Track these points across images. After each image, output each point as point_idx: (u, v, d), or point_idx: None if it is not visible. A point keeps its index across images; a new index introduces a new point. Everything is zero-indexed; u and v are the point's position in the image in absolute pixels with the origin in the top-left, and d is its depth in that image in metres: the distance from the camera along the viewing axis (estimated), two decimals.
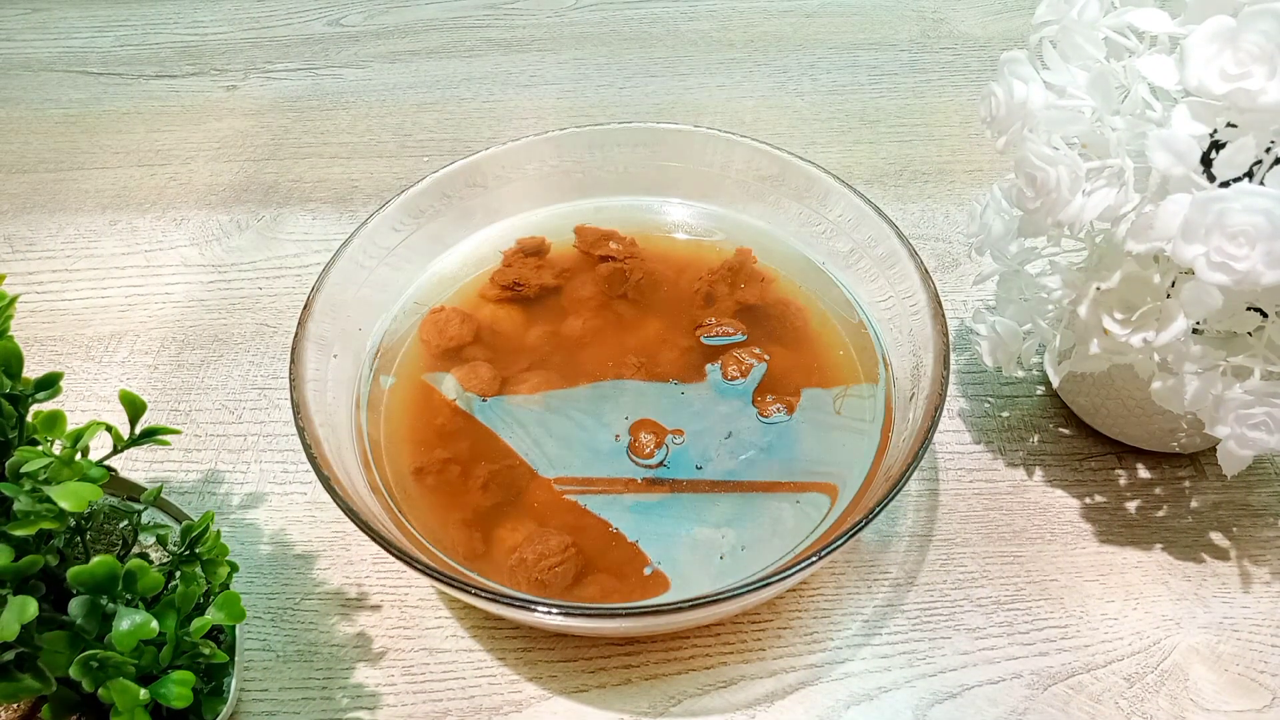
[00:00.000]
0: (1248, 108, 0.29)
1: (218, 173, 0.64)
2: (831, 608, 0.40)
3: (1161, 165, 0.30)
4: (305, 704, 0.38)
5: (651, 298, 0.47)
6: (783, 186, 0.48)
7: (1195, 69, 0.30)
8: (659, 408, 0.42)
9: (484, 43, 0.76)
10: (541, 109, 0.69)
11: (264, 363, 0.52)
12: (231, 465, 0.47)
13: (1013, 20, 0.76)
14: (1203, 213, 0.30)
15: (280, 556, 0.43)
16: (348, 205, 0.61)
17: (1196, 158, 0.30)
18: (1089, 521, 0.43)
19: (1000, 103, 0.36)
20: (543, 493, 0.40)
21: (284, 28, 0.79)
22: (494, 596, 0.32)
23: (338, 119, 0.69)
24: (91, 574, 0.27)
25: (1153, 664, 0.38)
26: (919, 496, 0.44)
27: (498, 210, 0.50)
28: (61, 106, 0.71)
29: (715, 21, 0.77)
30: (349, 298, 0.43)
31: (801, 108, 0.68)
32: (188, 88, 0.73)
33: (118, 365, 0.52)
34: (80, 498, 0.26)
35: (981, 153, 0.63)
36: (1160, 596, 0.40)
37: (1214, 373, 0.35)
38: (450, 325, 0.45)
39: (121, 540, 0.36)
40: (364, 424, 0.42)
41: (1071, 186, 0.33)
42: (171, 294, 0.56)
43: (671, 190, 0.51)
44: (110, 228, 0.60)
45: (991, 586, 0.41)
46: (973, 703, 0.37)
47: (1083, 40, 0.34)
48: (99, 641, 0.28)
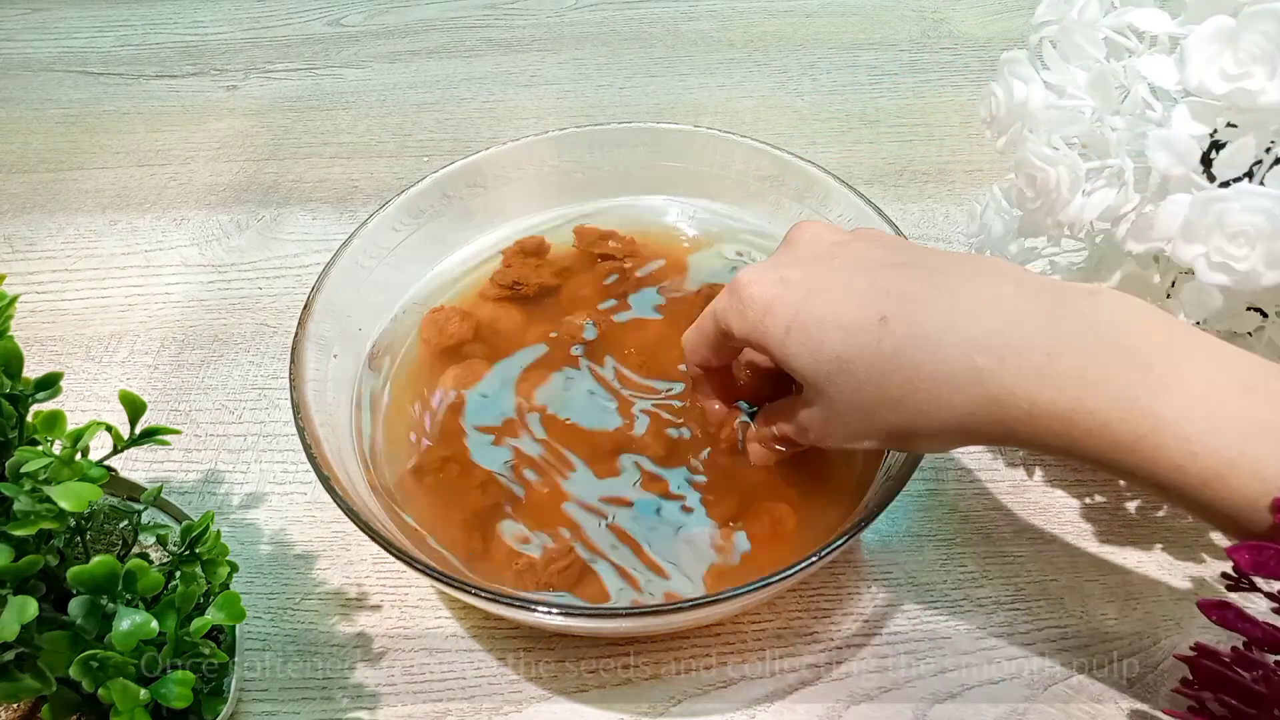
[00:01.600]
0: (1248, 108, 0.29)
1: (218, 173, 0.64)
2: (831, 608, 0.40)
3: (1161, 165, 0.30)
4: (305, 704, 0.38)
5: (650, 298, 0.47)
6: (783, 186, 0.48)
7: (1195, 69, 0.30)
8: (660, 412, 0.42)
9: (484, 43, 0.76)
10: (541, 109, 0.69)
11: (264, 363, 0.52)
12: (231, 465, 0.47)
13: (1012, 20, 0.76)
14: (1203, 213, 0.30)
15: (280, 556, 0.43)
16: (348, 205, 0.61)
17: (1196, 158, 0.30)
18: (1089, 521, 0.43)
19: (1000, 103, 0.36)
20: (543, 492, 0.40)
21: (284, 28, 0.79)
22: (494, 596, 0.32)
23: (338, 119, 0.69)
24: (91, 574, 0.27)
25: (1152, 664, 0.38)
26: (919, 496, 0.44)
27: (498, 210, 0.50)
28: (61, 106, 0.71)
29: (715, 21, 0.77)
30: (349, 298, 0.43)
31: (801, 108, 0.68)
32: (188, 88, 0.73)
33: (118, 365, 0.52)
34: (80, 498, 0.26)
35: (981, 153, 0.63)
36: (1160, 596, 0.40)
37: None
38: (450, 323, 0.45)
39: (121, 540, 0.36)
40: (364, 424, 0.42)
41: (1072, 186, 0.33)
42: (171, 294, 0.56)
43: (671, 190, 0.51)
44: (110, 228, 0.60)
45: (991, 586, 0.41)
46: (973, 703, 0.37)
47: (1083, 40, 0.34)
48: (99, 641, 0.28)
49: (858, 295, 0.31)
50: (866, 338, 0.30)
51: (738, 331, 0.34)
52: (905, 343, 0.29)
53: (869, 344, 0.30)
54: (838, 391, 0.31)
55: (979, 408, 0.28)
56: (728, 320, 0.34)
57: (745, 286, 0.33)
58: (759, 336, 0.33)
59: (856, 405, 0.31)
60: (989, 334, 0.28)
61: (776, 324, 0.32)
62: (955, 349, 0.28)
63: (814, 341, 0.31)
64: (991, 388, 0.27)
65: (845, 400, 0.31)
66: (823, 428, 0.33)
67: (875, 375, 0.30)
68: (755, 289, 0.33)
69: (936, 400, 0.29)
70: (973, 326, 0.28)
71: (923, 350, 0.29)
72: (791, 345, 0.31)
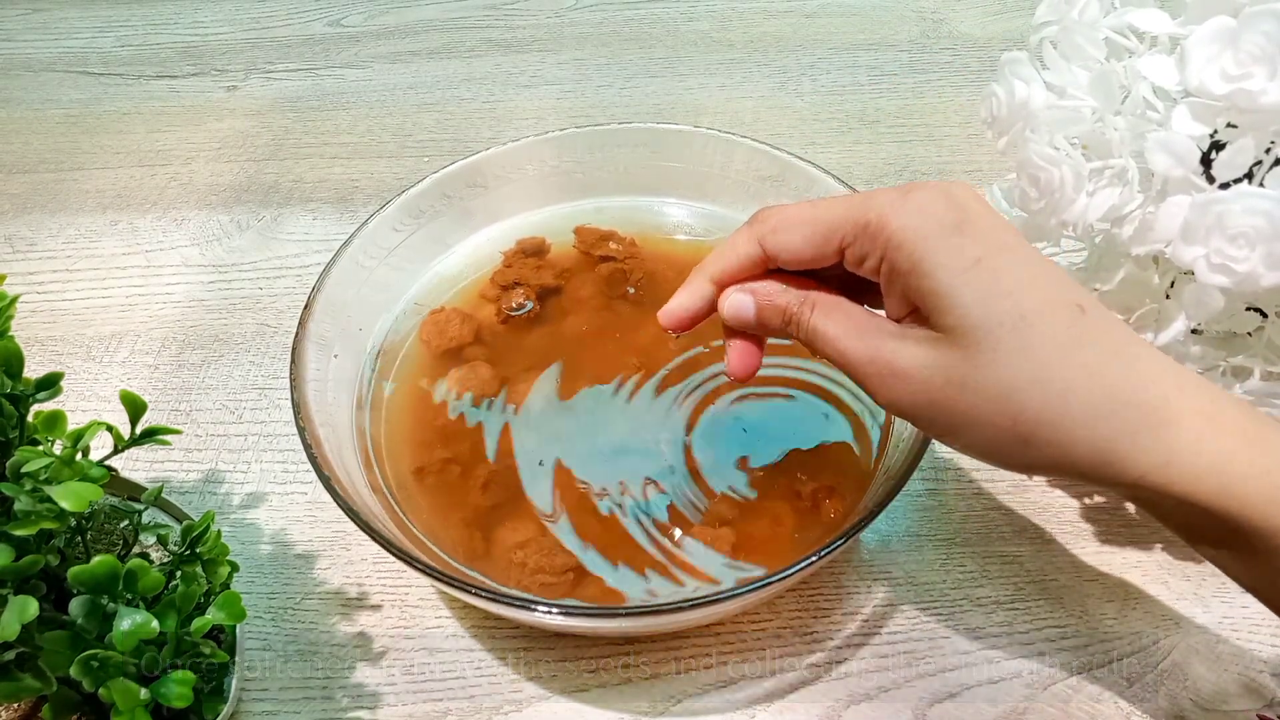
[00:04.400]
0: (1248, 108, 0.29)
1: (218, 173, 0.64)
2: (831, 608, 0.40)
3: (1161, 167, 0.30)
4: (305, 704, 0.38)
5: (651, 298, 0.47)
6: (783, 186, 0.48)
7: (1196, 69, 0.30)
8: (659, 409, 0.42)
9: (484, 43, 0.76)
10: (542, 109, 0.69)
11: (264, 363, 0.52)
12: (232, 465, 0.47)
13: (1012, 20, 0.76)
14: (1202, 214, 0.30)
15: (281, 556, 0.43)
16: (348, 205, 0.61)
17: (1196, 159, 0.30)
18: (1089, 521, 0.43)
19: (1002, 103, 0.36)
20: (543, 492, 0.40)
21: (284, 28, 0.79)
22: (494, 596, 0.32)
23: (338, 119, 0.69)
24: (92, 574, 0.27)
25: (1152, 664, 0.38)
26: (919, 496, 0.44)
27: (498, 210, 0.50)
28: (62, 107, 0.71)
29: (715, 21, 0.77)
30: (349, 298, 0.43)
31: (801, 108, 0.68)
32: (188, 88, 0.73)
33: (118, 365, 0.52)
34: (81, 498, 0.26)
35: (981, 153, 0.63)
36: (1160, 596, 0.40)
37: (1214, 373, 0.35)
38: (450, 325, 0.45)
39: (122, 540, 0.36)
40: (365, 424, 0.42)
41: (1075, 186, 0.33)
42: (172, 294, 0.56)
43: (671, 190, 0.51)
44: (111, 228, 0.60)
45: (991, 586, 0.41)
46: (973, 703, 0.37)
47: (1083, 41, 0.34)
48: (99, 641, 0.28)
49: (1055, 278, 0.27)
50: (1058, 314, 0.26)
51: (900, 230, 0.28)
52: (1098, 337, 0.26)
53: (1058, 321, 0.26)
54: (990, 352, 0.26)
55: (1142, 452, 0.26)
56: (893, 214, 0.28)
57: (947, 190, 0.28)
58: (926, 250, 0.27)
59: (1000, 378, 0.26)
60: (1179, 393, 0.26)
61: (963, 248, 0.27)
62: (1146, 377, 0.26)
63: (999, 286, 0.26)
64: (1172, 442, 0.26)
65: (991, 364, 0.26)
66: (924, 381, 0.28)
67: (1048, 352, 0.26)
68: (960, 199, 0.28)
69: (1092, 412, 0.26)
70: (1164, 375, 0.26)
71: (1110, 361, 0.26)
72: (970, 278, 0.27)
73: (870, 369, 0.29)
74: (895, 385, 0.28)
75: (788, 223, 0.31)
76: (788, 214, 0.31)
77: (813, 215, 0.30)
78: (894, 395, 0.28)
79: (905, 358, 0.28)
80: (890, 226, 0.28)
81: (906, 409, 0.28)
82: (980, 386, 0.27)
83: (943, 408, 0.27)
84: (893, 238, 0.28)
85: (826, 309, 0.30)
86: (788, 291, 0.31)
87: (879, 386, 0.29)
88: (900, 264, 0.28)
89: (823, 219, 0.30)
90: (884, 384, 0.28)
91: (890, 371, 0.28)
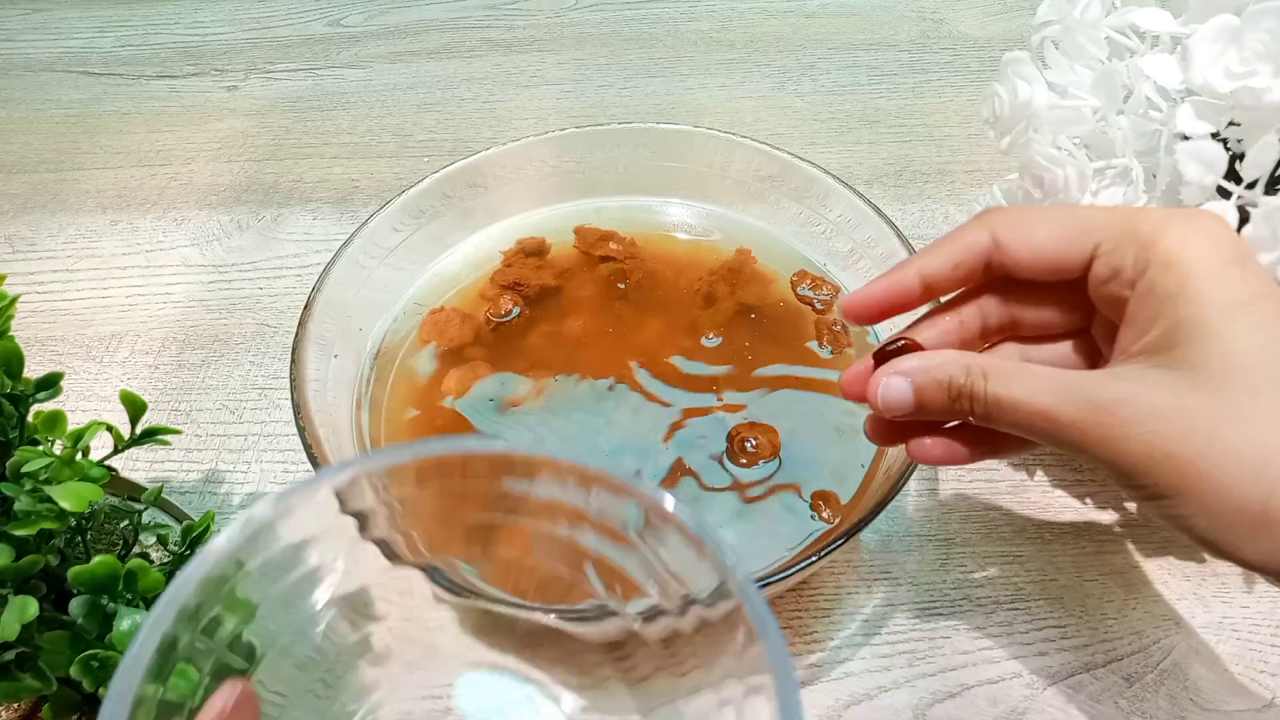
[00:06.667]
0: (1253, 106, 0.29)
1: (218, 173, 0.64)
2: (831, 608, 0.40)
3: (1193, 176, 0.30)
4: None
5: (651, 298, 0.47)
6: (782, 187, 0.48)
7: (1200, 67, 0.30)
8: (659, 412, 0.42)
9: (484, 43, 0.76)
10: (542, 109, 0.69)
11: (264, 363, 0.52)
12: (232, 465, 0.47)
13: (1013, 20, 0.76)
14: (1270, 224, 0.29)
15: None
16: (348, 205, 0.61)
17: (1224, 166, 0.30)
18: (1089, 521, 0.43)
19: (1004, 103, 0.36)
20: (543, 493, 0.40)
21: (284, 28, 0.79)
22: (494, 597, 0.32)
23: (338, 119, 0.69)
24: (92, 574, 0.27)
25: (1152, 664, 0.38)
26: (919, 496, 0.44)
27: (498, 211, 0.50)
28: (62, 107, 0.71)
29: (715, 21, 0.77)
30: (349, 298, 0.43)
31: (801, 108, 0.68)
32: (188, 88, 0.73)
33: (118, 365, 0.52)
34: (81, 498, 0.26)
35: (981, 153, 0.63)
36: (1160, 596, 0.40)
37: None
38: (450, 325, 0.45)
39: (122, 540, 0.36)
40: (365, 424, 0.42)
41: (1079, 186, 0.33)
42: (172, 294, 0.56)
43: (671, 190, 0.51)
44: (111, 228, 0.60)
45: (991, 586, 0.41)
46: (973, 703, 0.37)
47: (1085, 40, 0.34)
48: (100, 641, 0.28)
49: None
50: None
51: (1177, 247, 0.24)
52: None
53: None
54: (1251, 404, 0.23)
55: None
56: (1173, 230, 0.25)
57: (1224, 220, 0.25)
58: (1199, 275, 0.24)
59: (1258, 438, 0.22)
60: None
61: (1243, 280, 0.24)
62: None
63: (1278, 331, 0.23)
64: None
65: (1250, 417, 0.23)
66: (1159, 430, 0.23)
67: None
68: (1228, 228, 0.25)
69: None
70: None
71: None
72: (1244, 314, 0.23)
73: (1093, 426, 0.24)
74: (1122, 437, 0.24)
75: (1032, 216, 0.27)
76: (1031, 209, 0.28)
77: (1066, 213, 0.27)
78: (1123, 449, 0.24)
79: (1138, 400, 0.24)
80: (1165, 240, 0.25)
81: (1137, 461, 0.24)
82: (1232, 445, 0.23)
83: (1179, 461, 0.23)
84: (1167, 254, 0.25)
85: (1002, 373, 0.26)
86: (946, 362, 0.27)
87: (1102, 442, 0.24)
88: (1165, 285, 0.24)
89: (1079, 217, 0.27)
90: (1110, 438, 0.24)
91: (1119, 421, 0.24)
